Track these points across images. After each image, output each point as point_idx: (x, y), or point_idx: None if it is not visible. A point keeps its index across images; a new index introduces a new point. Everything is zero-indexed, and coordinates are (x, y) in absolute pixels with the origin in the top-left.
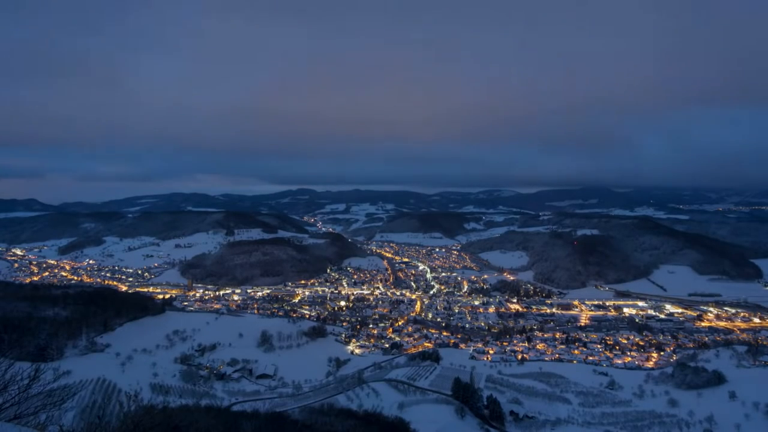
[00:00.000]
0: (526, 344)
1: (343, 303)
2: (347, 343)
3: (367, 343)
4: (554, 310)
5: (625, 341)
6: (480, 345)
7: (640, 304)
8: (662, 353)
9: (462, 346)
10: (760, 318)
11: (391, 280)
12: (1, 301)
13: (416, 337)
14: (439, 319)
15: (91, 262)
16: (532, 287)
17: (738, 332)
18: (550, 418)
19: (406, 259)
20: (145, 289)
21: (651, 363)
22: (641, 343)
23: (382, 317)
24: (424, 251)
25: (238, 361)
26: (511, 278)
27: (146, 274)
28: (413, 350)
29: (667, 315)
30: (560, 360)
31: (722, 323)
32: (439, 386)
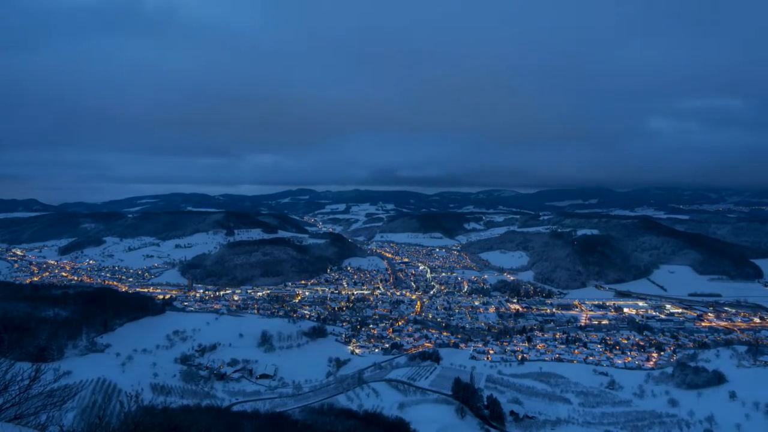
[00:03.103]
0: (527, 344)
1: (343, 303)
2: (347, 343)
3: (367, 344)
4: (554, 310)
5: (626, 341)
6: (480, 345)
7: (641, 304)
8: (662, 353)
9: (462, 346)
10: (761, 318)
11: (391, 281)
12: (2, 301)
13: (416, 337)
14: (439, 319)
15: (91, 262)
16: (532, 287)
17: (738, 332)
18: (550, 418)
19: (406, 259)
20: (145, 289)
21: (651, 363)
22: (641, 343)
23: (382, 317)
24: (424, 251)
25: (239, 362)
26: (511, 278)
27: (146, 274)
28: (413, 350)
29: (667, 315)
30: (560, 360)
31: (722, 323)
32: (439, 386)
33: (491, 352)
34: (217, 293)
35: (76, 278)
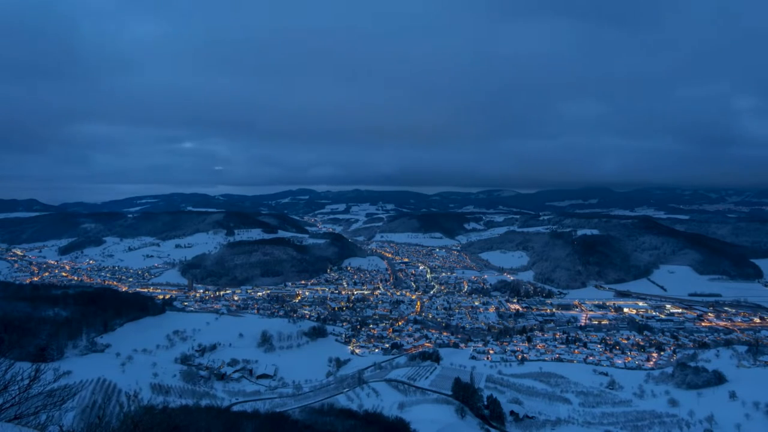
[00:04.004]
0: (527, 344)
1: (343, 303)
2: (347, 343)
3: (367, 344)
4: (554, 310)
5: (626, 341)
6: (480, 345)
7: (641, 304)
8: (662, 353)
9: (462, 346)
10: (761, 318)
11: (391, 281)
12: (2, 301)
13: (416, 337)
14: (439, 319)
15: (91, 262)
16: (532, 287)
17: (738, 332)
18: (550, 418)
19: (406, 260)
20: (146, 289)
21: (651, 363)
22: (641, 343)
23: (382, 317)
24: (424, 251)
25: (239, 362)
26: (511, 278)
27: (146, 274)
28: (413, 350)
29: (667, 315)
30: (560, 360)
31: (722, 323)
32: (439, 386)
33: (491, 352)
34: (217, 293)
35: (76, 278)
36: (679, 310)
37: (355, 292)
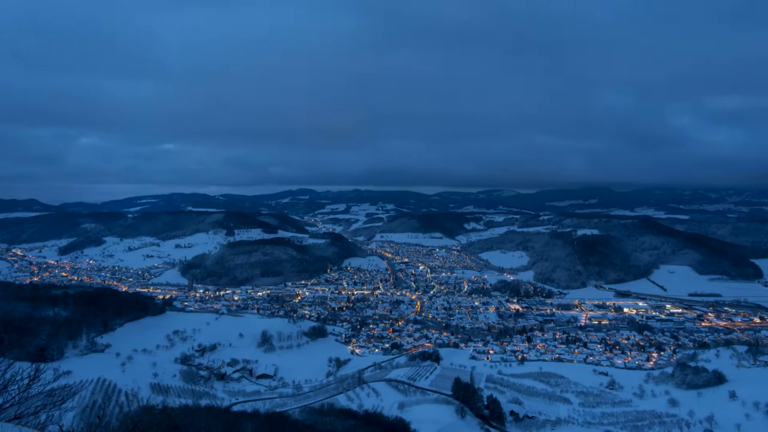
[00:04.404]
0: (527, 344)
1: (343, 303)
2: (347, 343)
3: (367, 344)
4: (554, 310)
5: (626, 341)
6: (480, 345)
7: (641, 304)
8: (662, 353)
9: (462, 346)
10: (761, 318)
11: (391, 281)
12: (2, 301)
13: (416, 337)
14: (439, 319)
15: (91, 262)
16: (532, 287)
17: (738, 332)
18: (550, 418)
19: (406, 260)
20: (146, 289)
21: (651, 363)
22: (641, 343)
23: (382, 317)
24: (424, 251)
25: (239, 362)
26: (511, 278)
27: (146, 274)
28: (413, 350)
29: (667, 315)
30: (560, 360)
31: (722, 323)
32: (439, 386)
33: (491, 352)
34: (217, 293)
35: (76, 278)
36: (679, 310)
37: (355, 292)
